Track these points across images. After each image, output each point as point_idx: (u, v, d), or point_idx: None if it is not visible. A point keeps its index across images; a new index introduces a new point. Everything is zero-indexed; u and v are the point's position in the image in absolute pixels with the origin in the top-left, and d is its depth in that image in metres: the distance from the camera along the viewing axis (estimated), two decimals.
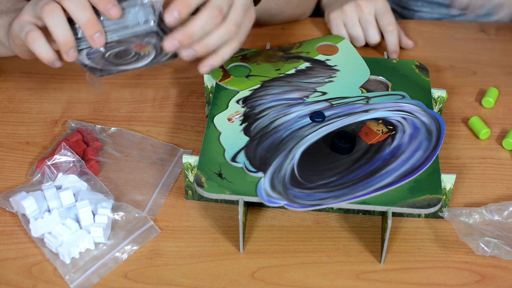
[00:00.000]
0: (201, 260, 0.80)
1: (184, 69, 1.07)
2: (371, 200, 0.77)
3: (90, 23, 0.77)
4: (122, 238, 0.81)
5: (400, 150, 0.83)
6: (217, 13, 0.79)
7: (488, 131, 0.95)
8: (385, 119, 0.88)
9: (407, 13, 1.29)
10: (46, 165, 0.87)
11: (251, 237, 0.82)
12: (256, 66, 0.96)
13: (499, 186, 0.89)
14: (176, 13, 0.78)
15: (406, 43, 1.12)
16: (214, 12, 0.79)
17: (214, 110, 0.89)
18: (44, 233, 0.80)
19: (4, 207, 0.84)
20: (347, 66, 0.96)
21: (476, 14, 1.21)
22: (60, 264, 0.78)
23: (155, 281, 0.77)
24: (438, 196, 0.78)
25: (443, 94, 0.94)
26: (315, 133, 0.86)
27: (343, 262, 0.80)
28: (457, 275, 0.79)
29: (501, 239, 0.80)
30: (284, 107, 0.89)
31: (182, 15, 0.78)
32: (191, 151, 0.93)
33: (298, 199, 0.77)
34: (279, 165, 0.81)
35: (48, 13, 0.78)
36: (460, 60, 1.11)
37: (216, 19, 0.79)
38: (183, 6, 0.78)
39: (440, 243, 0.82)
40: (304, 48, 1.00)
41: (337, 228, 0.84)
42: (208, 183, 0.79)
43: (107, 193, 0.85)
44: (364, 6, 1.09)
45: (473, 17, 1.25)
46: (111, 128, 0.95)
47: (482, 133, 0.95)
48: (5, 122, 0.97)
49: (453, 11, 1.26)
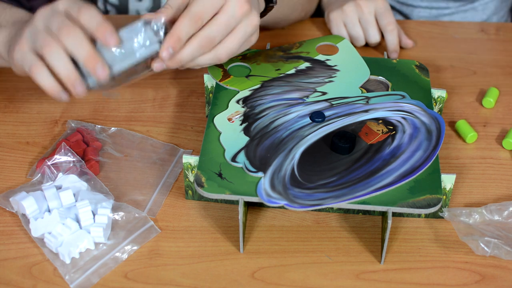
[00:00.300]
0: (201, 260, 0.80)
1: (184, 69, 1.07)
2: (371, 200, 0.77)
3: (89, 58, 0.76)
4: (122, 238, 0.81)
5: (400, 150, 0.83)
6: (196, 22, 0.79)
7: (475, 135, 0.94)
8: (385, 119, 0.88)
9: (406, 9, 1.29)
10: (46, 165, 0.87)
11: (251, 237, 0.82)
12: (256, 66, 0.96)
13: (499, 186, 0.89)
14: (171, 50, 0.79)
15: (406, 43, 1.12)
16: (194, 19, 0.79)
17: (214, 110, 0.89)
18: (44, 233, 0.80)
19: (4, 207, 0.84)
20: (347, 66, 0.96)
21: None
22: (60, 264, 0.78)
23: (155, 281, 0.77)
24: (438, 196, 0.78)
25: (443, 94, 0.94)
26: (315, 133, 0.86)
27: (343, 262, 0.80)
28: (457, 275, 0.79)
29: (501, 239, 0.80)
30: (284, 107, 0.89)
31: (175, 49, 0.79)
32: (191, 151, 0.93)
33: (298, 199, 0.77)
34: (279, 165, 0.81)
35: (48, 52, 0.76)
36: (460, 60, 1.11)
37: (195, 28, 0.80)
38: (175, 41, 0.78)
39: (440, 243, 0.82)
40: (304, 48, 1.00)
41: (337, 228, 0.84)
42: (208, 183, 0.79)
43: (107, 193, 0.85)
44: (364, 5, 1.09)
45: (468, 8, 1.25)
46: (111, 128, 0.95)
47: (469, 136, 0.94)
48: (5, 122, 0.97)
49: (451, 4, 1.26)
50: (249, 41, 0.84)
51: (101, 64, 0.76)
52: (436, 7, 1.27)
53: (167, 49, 0.78)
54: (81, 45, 0.76)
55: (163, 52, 0.78)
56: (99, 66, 0.76)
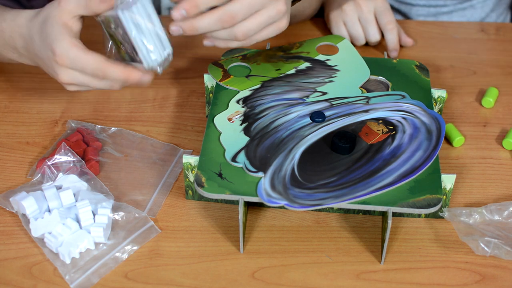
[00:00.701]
0: (201, 260, 0.80)
1: (184, 69, 1.07)
2: (371, 200, 0.77)
3: (125, 78, 0.79)
4: (122, 238, 0.81)
5: (400, 150, 0.83)
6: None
7: (462, 139, 0.94)
8: (385, 119, 0.88)
9: (404, 8, 1.29)
10: (46, 165, 0.87)
11: (251, 237, 0.82)
12: (256, 66, 0.96)
13: (499, 186, 0.89)
14: (183, 12, 0.79)
15: (406, 41, 1.12)
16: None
17: (214, 110, 0.89)
18: (44, 233, 0.80)
19: (4, 207, 0.84)
20: (347, 66, 0.96)
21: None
22: (60, 264, 0.78)
23: (155, 281, 0.77)
24: (438, 196, 0.78)
25: (443, 94, 0.94)
26: (315, 133, 0.86)
27: (343, 262, 0.80)
28: (457, 275, 0.79)
29: (501, 239, 0.80)
30: (284, 107, 0.89)
31: (190, 14, 0.79)
32: (191, 151, 0.93)
33: (298, 199, 0.77)
34: (279, 165, 0.81)
35: (70, 88, 0.82)
36: (460, 60, 1.11)
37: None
38: (191, 6, 0.79)
39: (440, 243, 0.82)
40: (304, 48, 1.00)
41: (337, 228, 0.84)
42: (208, 183, 0.79)
43: (107, 193, 0.85)
44: (364, 5, 1.09)
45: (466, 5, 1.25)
46: (111, 128, 0.95)
47: (456, 140, 0.94)
48: (5, 122, 0.97)
49: (449, 2, 1.26)
50: (277, 26, 0.84)
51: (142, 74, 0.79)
52: (434, 5, 1.27)
53: (179, 10, 0.78)
54: (97, 79, 0.81)
55: (175, 12, 0.78)
56: (144, 75, 0.80)
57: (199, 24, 0.80)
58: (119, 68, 0.79)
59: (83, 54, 0.78)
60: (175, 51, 0.80)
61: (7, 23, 0.86)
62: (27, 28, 0.84)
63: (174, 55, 0.80)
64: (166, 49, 0.80)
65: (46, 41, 0.80)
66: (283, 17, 0.83)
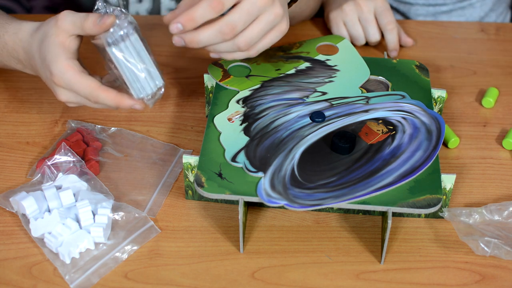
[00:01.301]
0: (201, 260, 0.80)
1: (184, 69, 1.07)
2: (371, 200, 0.77)
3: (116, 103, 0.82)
4: (122, 238, 0.81)
5: (400, 150, 0.83)
6: (214, 7, 0.79)
7: (457, 140, 0.94)
8: (385, 119, 0.88)
9: (403, 7, 1.29)
10: (46, 165, 0.87)
11: (251, 237, 0.82)
12: (256, 66, 0.96)
13: (499, 186, 0.89)
14: (180, 26, 0.79)
15: (406, 41, 1.12)
16: (213, 4, 0.79)
17: (214, 110, 0.89)
18: (44, 233, 0.80)
19: (4, 207, 0.84)
20: (347, 66, 0.96)
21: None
22: (60, 264, 0.78)
23: (155, 281, 0.77)
24: (438, 196, 0.78)
25: (443, 94, 0.93)
26: (315, 133, 0.86)
27: (343, 262, 0.80)
28: (457, 275, 0.79)
29: (501, 239, 0.80)
30: (284, 107, 0.89)
31: (186, 28, 0.79)
32: (191, 151, 0.93)
33: (298, 199, 0.77)
34: (279, 165, 0.81)
35: (69, 104, 0.85)
36: (460, 60, 1.11)
37: (214, 12, 0.79)
38: (187, 20, 0.79)
39: (440, 243, 0.82)
40: (304, 48, 1.00)
41: (337, 228, 0.84)
42: (208, 183, 0.79)
43: (107, 193, 0.85)
44: (364, 5, 1.09)
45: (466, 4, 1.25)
46: (111, 128, 0.95)
47: (451, 141, 0.94)
48: (5, 122, 0.97)
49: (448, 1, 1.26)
50: (278, 30, 0.84)
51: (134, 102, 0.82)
52: (433, 4, 1.27)
53: (175, 24, 0.79)
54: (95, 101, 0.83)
55: (171, 25, 0.79)
56: (137, 103, 0.82)
57: (200, 38, 0.80)
58: (111, 95, 0.81)
59: (78, 78, 0.81)
60: (176, 51, 0.80)
61: (10, 36, 0.87)
62: (28, 43, 0.85)
63: (174, 55, 0.80)
64: (157, 83, 0.81)
65: (44, 62, 0.82)
66: (282, 20, 0.83)
